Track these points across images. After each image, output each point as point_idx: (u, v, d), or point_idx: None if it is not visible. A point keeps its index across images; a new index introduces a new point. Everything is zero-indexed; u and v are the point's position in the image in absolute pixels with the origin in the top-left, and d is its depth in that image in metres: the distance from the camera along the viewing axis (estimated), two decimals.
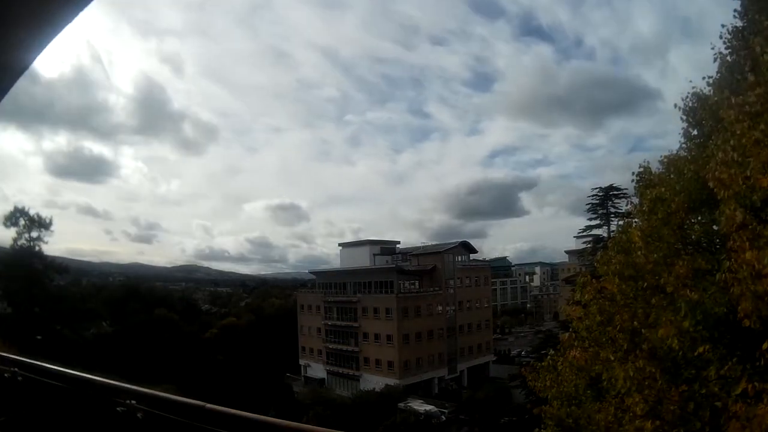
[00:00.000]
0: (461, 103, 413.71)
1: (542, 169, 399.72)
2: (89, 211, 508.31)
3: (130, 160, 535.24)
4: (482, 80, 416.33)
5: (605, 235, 38.52)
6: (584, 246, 42.73)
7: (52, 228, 40.49)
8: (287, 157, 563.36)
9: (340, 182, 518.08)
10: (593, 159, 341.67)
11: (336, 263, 72.10)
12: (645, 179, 8.29)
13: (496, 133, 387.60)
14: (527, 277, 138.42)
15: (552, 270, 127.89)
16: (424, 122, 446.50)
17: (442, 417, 44.11)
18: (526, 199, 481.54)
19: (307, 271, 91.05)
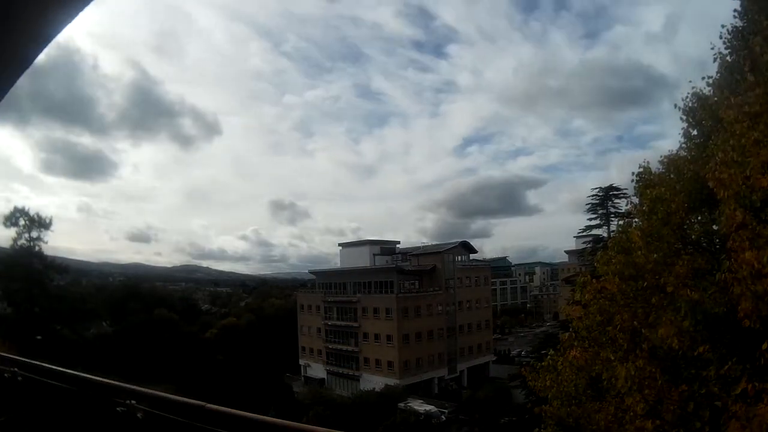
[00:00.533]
0: (412, 77, 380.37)
1: (523, 158, 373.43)
2: (88, 210, 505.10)
3: (123, 157, 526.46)
4: (431, 42, 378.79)
5: (605, 235, 38.50)
6: (584, 246, 42.71)
7: (52, 228, 40.54)
8: (241, 149, 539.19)
9: (305, 177, 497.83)
10: (579, 147, 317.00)
11: (334, 262, 72.24)
12: (645, 179, 8.29)
13: (462, 115, 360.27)
14: (527, 277, 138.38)
15: (552, 270, 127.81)
16: (377, 105, 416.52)
17: (442, 417, 44.07)
18: (526, 197, 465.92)
19: (307, 271, 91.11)
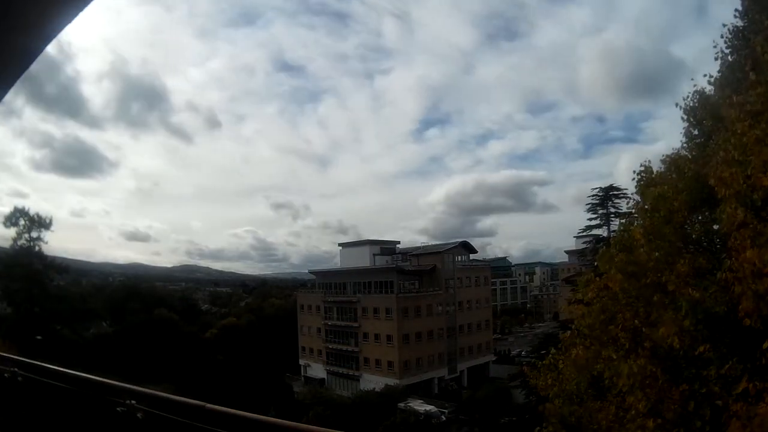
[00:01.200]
0: (325, 38, 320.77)
1: (494, 143, 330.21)
2: (86, 209, 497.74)
3: (123, 154, 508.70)
4: None
5: (605, 235, 38.50)
6: (584, 246, 42.71)
7: (52, 228, 40.57)
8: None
9: (252, 167, 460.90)
10: (559, 128, 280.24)
11: (335, 262, 72.26)
12: (646, 178, 8.30)
13: (406, 86, 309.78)
14: (527, 277, 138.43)
15: (552, 270, 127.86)
16: (303, 80, 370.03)
17: (442, 417, 44.09)
18: (527, 196, 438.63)
19: (307, 271, 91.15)
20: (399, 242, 71.06)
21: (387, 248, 66.90)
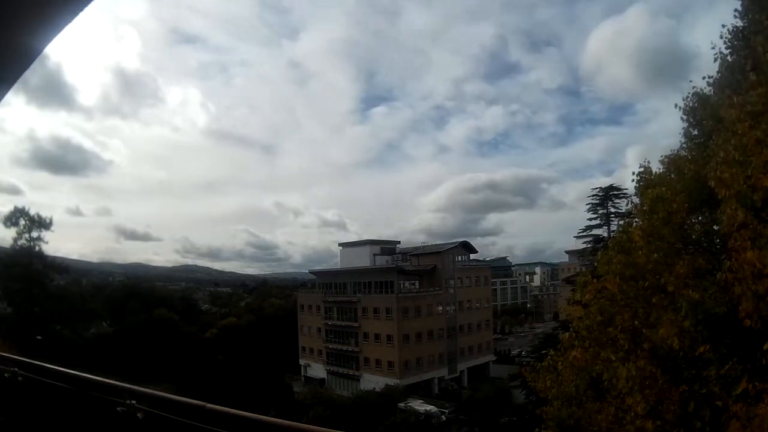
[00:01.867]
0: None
1: (455, 123, 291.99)
2: (83, 209, 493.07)
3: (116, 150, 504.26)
4: None
5: (605, 235, 38.51)
6: (584, 246, 42.71)
7: (53, 228, 40.59)
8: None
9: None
10: (529, 102, 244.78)
11: (335, 262, 72.26)
12: (646, 179, 8.29)
13: (325, 47, 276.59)
14: (527, 277, 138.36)
15: (552, 270, 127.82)
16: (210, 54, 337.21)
17: (442, 417, 44.09)
18: (527, 195, 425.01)
19: (307, 271, 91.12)
20: (399, 242, 71.18)
21: (387, 248, 66.92)
